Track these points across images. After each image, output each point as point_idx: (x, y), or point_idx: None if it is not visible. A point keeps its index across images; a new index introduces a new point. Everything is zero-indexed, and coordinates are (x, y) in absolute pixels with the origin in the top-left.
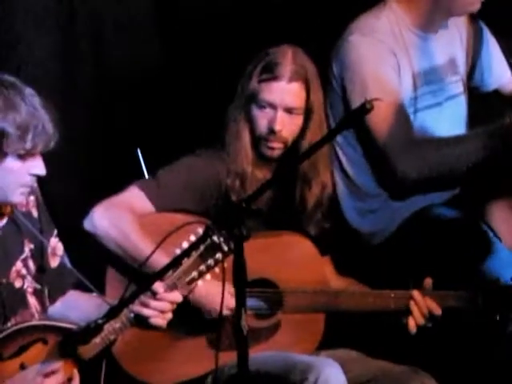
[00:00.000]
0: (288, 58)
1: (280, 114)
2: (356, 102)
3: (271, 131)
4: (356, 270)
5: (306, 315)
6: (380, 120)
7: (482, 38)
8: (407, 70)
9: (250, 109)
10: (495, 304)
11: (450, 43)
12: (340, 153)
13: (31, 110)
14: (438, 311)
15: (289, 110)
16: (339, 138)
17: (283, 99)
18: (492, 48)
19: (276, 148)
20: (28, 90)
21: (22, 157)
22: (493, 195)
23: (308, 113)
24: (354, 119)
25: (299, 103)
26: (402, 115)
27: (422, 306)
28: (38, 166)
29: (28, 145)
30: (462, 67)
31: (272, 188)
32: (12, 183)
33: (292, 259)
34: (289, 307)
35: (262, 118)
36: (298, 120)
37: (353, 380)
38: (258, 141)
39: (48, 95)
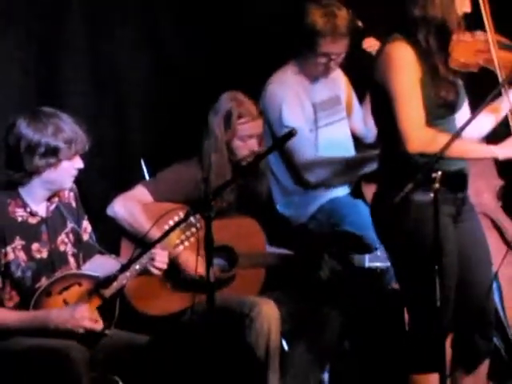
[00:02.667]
0: (247, 101)
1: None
2: (276, 129)
3: (252, 152)
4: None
5: (253, 270)
6: (292, 141)
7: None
8: (308, 103)
9: (232, 144)
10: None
11: (335, 84)
12: (271, 161)
13: (71, 128)
14: None
15: (258, 136)
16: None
17: (256, 130)
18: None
19: (250, 160)
20: (64, 115)
21: (70, 159)
22: None
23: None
24: (285, 139)
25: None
26: (306, 138)
27: None
28: (79, 162)
29: (73, 151)
30: (343, 101)
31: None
32: (66, 177)
33: (245, 233)
34: (242, 264)
35: (243, 148)
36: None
37: (284, 314)
38: (236, 160)
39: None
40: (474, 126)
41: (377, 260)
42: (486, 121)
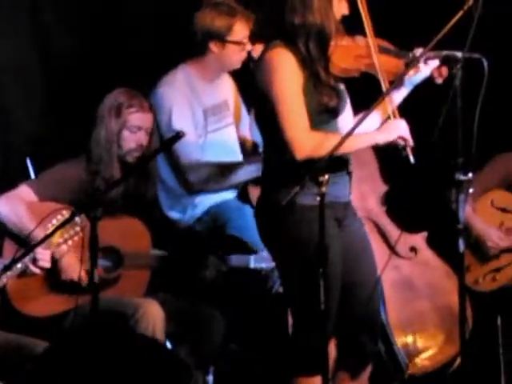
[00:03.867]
0: (138, 95)
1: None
2: (164, 132)
3: (139, 146)
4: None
5: (138, 270)
6: (179, 143)
7: None
8: (198, 107)
9: (121, 134)
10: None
11: (224, 89)
12: (158, 164)
13: None
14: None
15: (146, 130)
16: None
17: (146, 123)
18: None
19: (137, 155)
20: None
21: None
22: None
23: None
24: (172, 142)
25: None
26: (193, 141)
27: None
28: None
29: None
30: (232, 106)
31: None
32: None
33: (130, 233)
34: (126, 265)
35: (131, 140)
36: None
37: (169, 315)
38: (123, 154)
39: None
40: (361, 126)
41: (262, 261)
42: (373, 119)
